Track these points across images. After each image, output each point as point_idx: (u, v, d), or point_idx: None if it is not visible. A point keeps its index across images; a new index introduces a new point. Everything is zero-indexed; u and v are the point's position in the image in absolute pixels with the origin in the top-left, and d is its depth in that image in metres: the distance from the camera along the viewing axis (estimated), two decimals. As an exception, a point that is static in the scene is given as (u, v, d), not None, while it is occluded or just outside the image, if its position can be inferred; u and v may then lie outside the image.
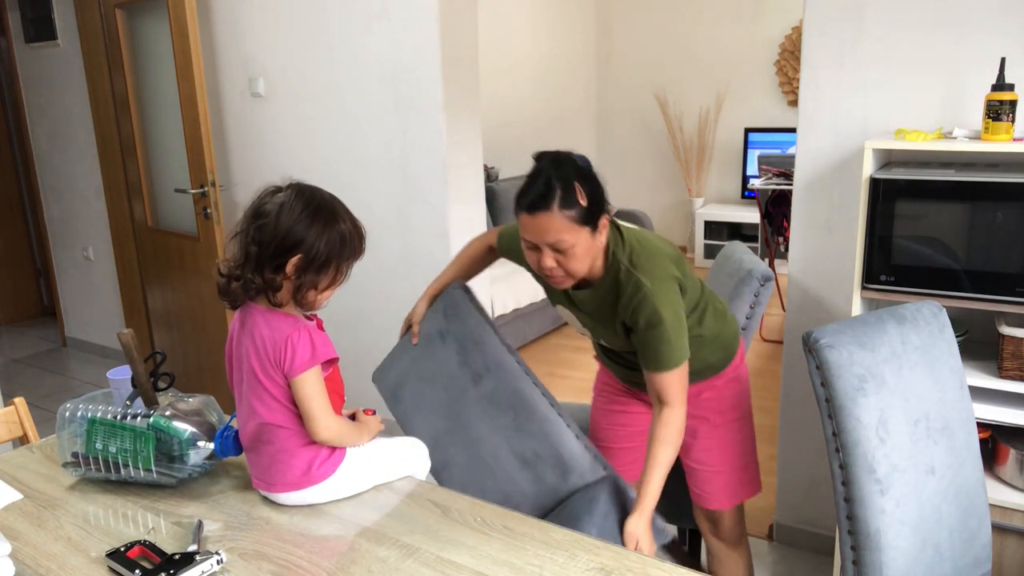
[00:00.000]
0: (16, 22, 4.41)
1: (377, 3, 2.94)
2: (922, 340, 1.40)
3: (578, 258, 1.49)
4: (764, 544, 2.52)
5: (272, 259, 1.30)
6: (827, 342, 1.33)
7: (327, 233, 1.32)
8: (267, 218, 1.30)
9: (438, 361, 1.80)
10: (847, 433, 1.32)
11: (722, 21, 5.76)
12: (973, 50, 1.98)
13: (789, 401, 2.42)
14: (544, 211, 1.44)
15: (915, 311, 1.44)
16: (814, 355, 1.36)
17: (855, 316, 1.41)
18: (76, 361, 4.65)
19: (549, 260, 1.49)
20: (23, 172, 5.35)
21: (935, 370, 1.40)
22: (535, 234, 1.47)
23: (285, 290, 1.33)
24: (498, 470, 1.66)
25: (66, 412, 1.46)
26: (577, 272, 1.51)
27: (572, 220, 1.44)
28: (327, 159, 3.25)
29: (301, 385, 1.32)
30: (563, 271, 1.51)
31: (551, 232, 1.45)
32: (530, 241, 1.50)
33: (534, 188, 1.45)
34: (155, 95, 3.66)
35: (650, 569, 1.16)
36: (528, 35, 5.49)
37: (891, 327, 1.39)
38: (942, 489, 1.37)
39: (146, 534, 1.30)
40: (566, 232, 1.45)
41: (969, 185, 1.79)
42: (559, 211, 1.43)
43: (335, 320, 3.36)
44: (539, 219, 1.45)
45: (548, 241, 1.46)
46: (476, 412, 1.71)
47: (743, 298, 1.96)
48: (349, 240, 1.36)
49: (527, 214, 1.46)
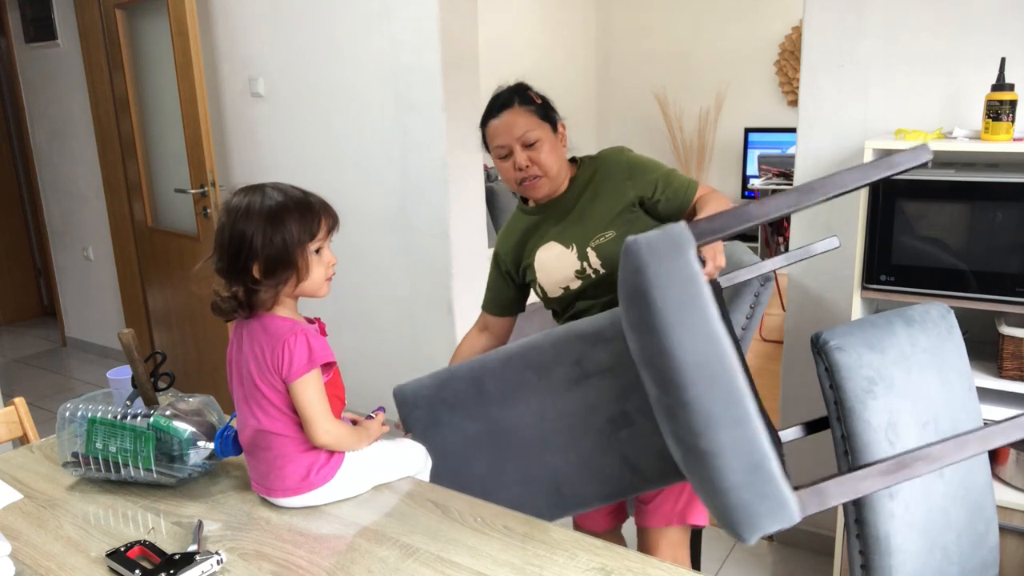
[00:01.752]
0: (16, 22, 4.42)
1: (377, 3, 2.94)
2: (930, 342, 1.39)
3: (547, 152, 1.66)
4: (764, 544, 2.52)
5: (238, 274, 1.30)
6: (836, 344, 1.32)
7: (267, 229, 1.28)
8: (221, 236, 1.31)
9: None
10: (857, 436, 1.31)
11: (722, 21, 5.75)
12: (973, 50, 1.98)
13: (789, 401, 2.42)
14: (508, 109, 1.66)
15: (923, 313, 1.43)
16: (823, 357, 1.34)
17: (863, 318, 1.40)
18: (76, 361, 4.65)
19: (522, 157, 1.65)
20: (23, 172, 5.34)
21: (943, 372, 1.39)
22: (505, 133, 1.66)
23: (268, 294, 1.32)
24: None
25: (66, 412, 1.46)
26: (549, 167, 1.67)
27: (533, 114, 1.67)
28: (327, 159, 3.25)
29: (300, 389, 1.31)
30: (537, 168, 1.66)
31: (518, 126, 1.65)
32: (502, 146, 1.67)
33: (496, 100, 1.70)
34: (155, 95, 3.66)
35: (650, 569, 1.16)
36: (528, 35, 5.49)
37: (900, 329, 1.38)
38: (950, 492, 1.36)
39: (146, 534, 1.30)
40: (532, 125, 1.66)
41: (969, 185, 1.79)
42: (520, 107, 1.67)
43: (335, 320, 3.37)
44: (505, 117, 1.66)
45: (517, 135, 1.65)
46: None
47: (743, 298, 1.96)
48: (304, 221, 1.31)
49: (494, 119, 1.68)
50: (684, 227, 1.06)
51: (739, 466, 1.03)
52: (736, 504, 1.04)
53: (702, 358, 1.03)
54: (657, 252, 1.06)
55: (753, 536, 1.06)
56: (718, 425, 1.02)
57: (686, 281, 1.04)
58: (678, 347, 1.04)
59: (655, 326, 1.06)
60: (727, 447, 1.03)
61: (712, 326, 1.03)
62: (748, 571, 2.39)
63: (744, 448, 1.02)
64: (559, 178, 1.71)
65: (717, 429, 1.02)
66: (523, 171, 1.66)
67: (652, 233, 1.07)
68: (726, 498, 1.05)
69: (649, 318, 1.06)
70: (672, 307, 1.04)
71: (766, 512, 1.03)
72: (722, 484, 1.05)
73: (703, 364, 1.03)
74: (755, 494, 1.03)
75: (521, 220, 1.83)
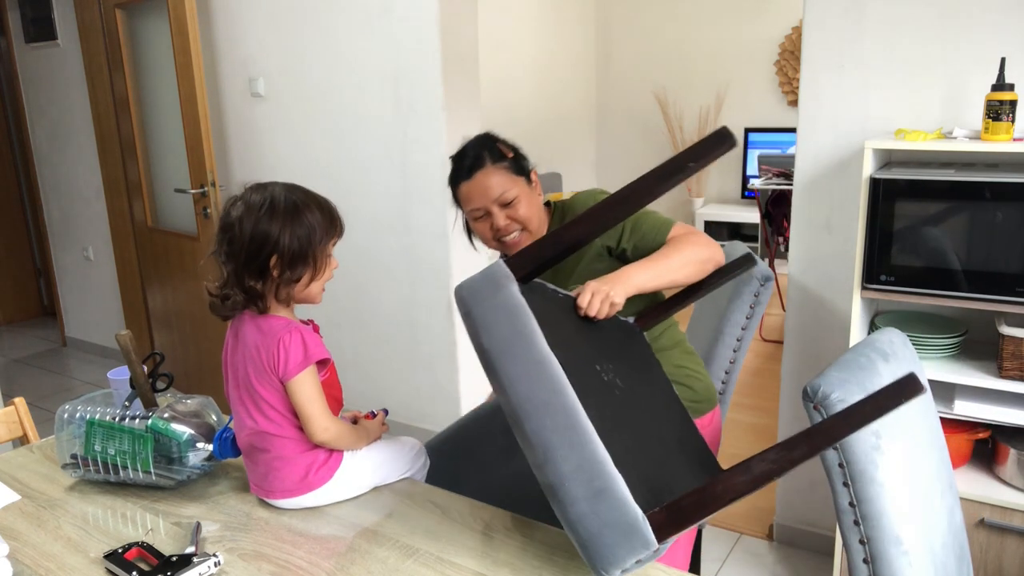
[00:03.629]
0: (16, 22, 4.41)
1: (377, 3, 2.94)
2: (904, 374, 1.32)
3: (525, 207, 1.59)
4: (764, 544, 2.52)
5: (249, 267, 1.30)
6: (839, 396, 1.14)
7: (292, 226, 1.30)
8: (232, 230, 1.31)
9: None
10: (869, 503, 1.16)
11: (722, 21, 5.75)
12: (973, 50, 1.98)
13: (789, 401, 2.42)
14: (480, 169, 1.57)
15: (889, 344, 1.33)
16: (823, 413, 1.15)
17: (843, 358, 1.25)
18: (76, 361, 4.65)
19: (501, 219, 1.58)
20: (23, 172, 5.34)
21: (920, 402, 1.31)
22: (480, 196, 1.57)
23: (270, 293, 1.32)
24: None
25: (65, 414, 1.46)
26: (529, 220, 1.59)
27: (507, 170, 1.58)
28: (327, 159, 3.25)
29: (297, 387, 1.31)
30: (517, 226, 1.59)
31: (493, 187, 1.56)
32: (478, 209, 1.59)
33: (464, 160, 1.59)
34: (155, 95, 3.66)
35: (650, 569, 1.15)
36: (528, 35, 5.49)
37: (881, 366, 1.26)
38: (944, 537, 1.31)
39: (145, 535, 1.30)
40: (507, 184, 1.57)
41: (969, 185, 1.79)
42: (492, 165, 1.57)
43: (335, 320, 3.37)
44: (478, 179, 1.57)
45: (493, 196, 1.56)
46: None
47: (743, 298, 1.96)
48: (319, 224, 1.33)
49: (467, 181, 1.58)
50: (500, 263, 1.07)
51: (582, 494, 0.96)
52: (587, 536, 0.97)
53: (533, 387, 0.99)
54: (478, 293, 1.06)
55: (613, 571, 0.98)
56: (556, 454, 0.97)
57: (510, 315, 1.02)
58: (510, 381, 1.02)
59: (490, 365, 1.03)
60: (568, 475, 0.96)
61: (538, 353, 0.99)
62: (748, 571, 2.39)
63: (585, 474, 0.95)
64: (540, 229, 1.65)
65: (556, 459, 0.97)
66: (503, 230, 1.60)
67: (473, 276, 1.07)
68: (576, 531, 0.98)
69: (484, 358, 1.04)
70: (499, 343, 1.02)
71: (618, 541, 0.95)
72: (570, 516, 0.97)
73: (534, 393, 0.99)
74: (602, 523, 0.95)
75: None
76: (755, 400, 3.58)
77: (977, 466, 2.01)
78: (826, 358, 2.26)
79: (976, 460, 2.03)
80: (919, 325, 2.06)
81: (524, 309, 1.03)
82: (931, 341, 1.99)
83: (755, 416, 3.42)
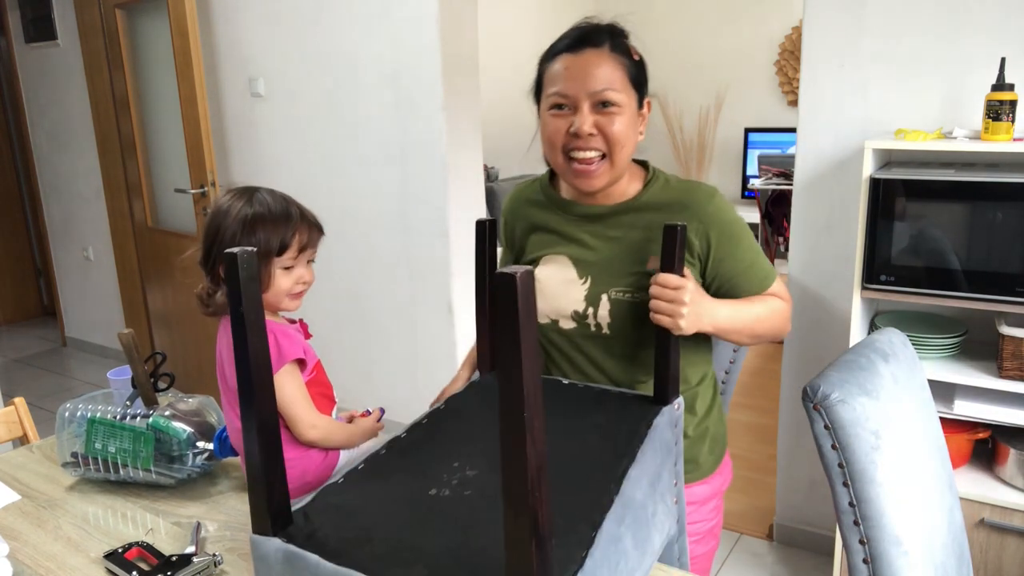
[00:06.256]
0: (16, 22, 4.41)
1: (377, 3, 2.94)
2: (904, 374, 1.31)
3: (622, 124, 1.18)
4: (764, 544, 2.52)
5: (209, 271, 1.34)
6: (838, 397, 1.13)
7: (244, 234, 1.28)
8: (203, 231, 1.35)
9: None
10: (869, 503, 1.15)
11: (722, 21, 5.75)
12: (973, 50, 1.98)
13: (789, 401, 2.42)
14: (593, 47, 1.18)
15: (888, 344, 1.32)
16: (823, 414, 1.14)
17: (843, 359, 1.24)
18: (76, 361, 4.65)
19: (587, 123, 1.18)
20: (23, 172, 5.35)
21: (919, 402, 1.31)
22: (577, 79, 1.17)
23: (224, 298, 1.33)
24: None
25: (65, 412, 1.46)
26: (618, 146, 1.19)
27: (624, 68, 1.19)
28: (327, 159, 3.25)
29: (276, 388, 1.30)
30: (600, 145, 1.19)
31: (600, 76, 1.16)
32: (564, 95, 1.19)
33: (579, 29, 1.21)
34: (155, 95, 3.66)
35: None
36: (528, 35, 5.49)
37: (881, 366, 1.25)
38: (944, 538, 1.30)
39: (145, 535, 1.30)
40: (616, 83, 1.17)
41: (969, 185, 1.79)
42: (611, 52, 1.18)
43: (334, 320, 3.37)
44: (586, 56, 1.17)
45: (594, 87, 1.17)
46: None
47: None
48: (276, 235, 1.29)
49: (570, 54, 1.19)
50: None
51: None
52: None
53: None
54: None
55: None
56: None
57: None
58: None
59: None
60: None
61: None
62: (748, 571, 2.39)
63: None
64: (620, 171, 1.25)
65: None
66: (581, 139, 1.20)
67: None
68: None
69: None
70: None
71: None
72: None
73: None
74: None
75: (534, 206, 1.39)
76: (755, 400, 3.58)
77: (977, 466, 2.01)
78: (826, 358, 2.26)
79: (976, 460, 2.03)
80: (919, 325, 2.06)
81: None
82: (931, 341, 1.99)
83: (755, 416, 3.42)
